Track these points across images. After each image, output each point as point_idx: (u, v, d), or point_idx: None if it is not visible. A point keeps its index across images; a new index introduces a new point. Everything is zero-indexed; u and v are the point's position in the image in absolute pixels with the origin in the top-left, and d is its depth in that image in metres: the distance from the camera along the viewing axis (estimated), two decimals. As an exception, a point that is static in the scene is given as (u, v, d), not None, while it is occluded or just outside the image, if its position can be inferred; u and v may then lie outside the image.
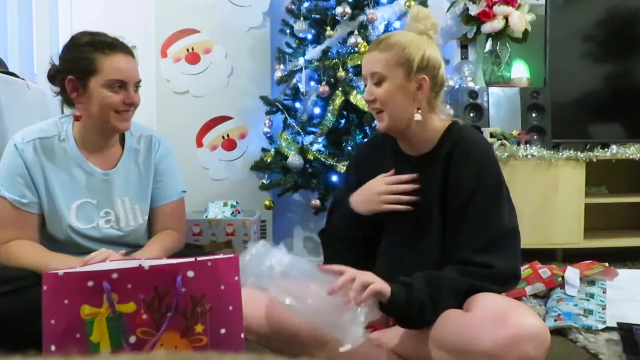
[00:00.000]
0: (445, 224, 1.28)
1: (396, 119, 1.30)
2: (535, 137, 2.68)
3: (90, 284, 1.05)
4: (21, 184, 1.43)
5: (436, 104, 1.33)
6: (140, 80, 1.49)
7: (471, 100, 2.70)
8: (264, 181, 2.69)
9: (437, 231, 1.29)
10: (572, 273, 1.97)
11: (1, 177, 1.44)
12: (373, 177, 1.39)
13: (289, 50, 2.68)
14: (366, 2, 2.50)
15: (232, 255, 1.13)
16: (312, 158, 2.52)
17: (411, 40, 1.27)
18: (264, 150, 2.78)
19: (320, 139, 2.57)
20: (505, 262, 1.20)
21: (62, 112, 1.52)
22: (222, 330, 1.09)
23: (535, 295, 2.02)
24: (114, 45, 1.43)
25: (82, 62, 1.41)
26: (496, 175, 1.26)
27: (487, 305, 1.11)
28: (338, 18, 2.48)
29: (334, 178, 2.52)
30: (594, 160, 2.58)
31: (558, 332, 1.70)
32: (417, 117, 1.29)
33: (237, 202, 2.63)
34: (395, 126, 1.31)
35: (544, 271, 2.05)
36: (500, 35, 2.84)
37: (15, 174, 1.43)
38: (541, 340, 1.05)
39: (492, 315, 1.08)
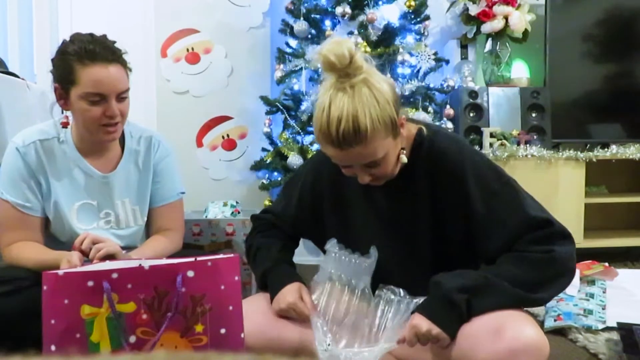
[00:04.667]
0: (439, 243, 1.23)
1: (390, 174, 1.19)
2: (535, 137, 2.69)
3: (90, 284, 1.05)
4: (24, 187, 1.43)
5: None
6: (126, 90, 1.42)
7: (471, 100, 2.70)
8: (264, 181, 2.69)
9: (428, 251, 1.24)
10: (572, 273, 1.97)
11: (4, 181, 1.44)
12: (338, 200, 1.31)
13: (289, 50, 2.67)
14: (366, 2, 2.50)
15: (232, 255, 1.13)
16: (312, 158, 2.52)
17: (372, 103, 1.07)
18: (264, 150, 2.78)
19: (320, 139, 2.57)
20: (560, 247, 1.14)
21: (62, 112, 1.51)
22: (222, 330, 1.09)
23: (535, 295, 2.02)
24: (95, 55, 1.35)
25: (64, 71, 1.37)
26: (499, 173, 1.20)
27: (485, 316, 1.10)
28: (338, 18, 2.48)
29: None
30: (594, 160, 2.58)
31: (558, 332, 1.70)
32: (404, 158, 1.18)
33: (237, 202, 2.63)
34: (389, 178, 1.20)
35: (544, 271, 2.04)
36: (500, 35, 2.84)
37: (18, 177, 1.43)
38: (539, 353, 1.03)
39: (489, 326, 1.07)
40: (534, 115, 2.74)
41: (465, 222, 1.20)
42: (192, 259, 1.10)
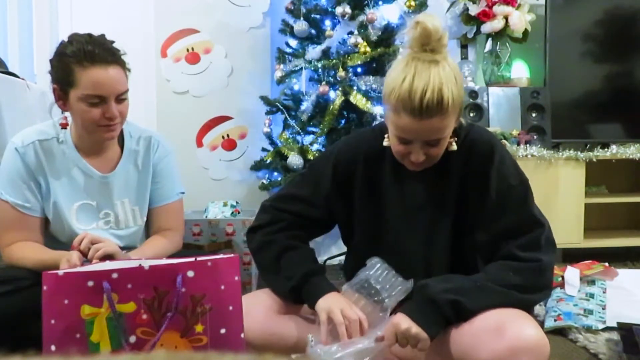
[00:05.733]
0: (459, 232, 1.25)
1: (439, 157, 1.20)
2: (535, 137, 2.69)
3: (90, 284, 1.05)
4: (23, 188, 1.43)
5: None
6: (125, 91, 1.41)
7: (471, 100, 2.70)
8: (264, 181, 2.69)
9: (448, 241, 1.25)
10: (572, 273, 1.97)
11: (3, 181, 1.44)
12: (370, 184, 1.31)
13: (289, 50, 2.68)
14: (366, 2, 2.50)
15: (232, 255, 1.13)
16: (312, 158, 2.52)
17: (453, 81, 1.12)
18: (264, 150, 2.78)
19: (320, 139, 2.57)
20: (546, 256, 1.18)
21: (62, 113, 1.51)
22: (222, 330, 1.09)
23: (535, 295, 2.02)
24: (94, 56, 1.34)
25: (63, 73, 1.36)
26: (519, 173, 1.24)
27: (487, 315, 1.10)
28: (338, 18, 2.48)
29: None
30: (594, 160, 2.58)
31: (558, 332, 1.70)
32: (454, 146, 1.21)
33: (237, 202, 2.63)
34: (434, 162, 1.21)
35: (544, 271, 2.04)
36: (500, 35, 2.84)
37: (17, 178, 1.43)
38: (540, 352, 1.03)
39: (490, 325, 1.07)
40: (534, 115, 2.74)
41: (479, 211, 1.22)
42: (192, 259, 1.10)
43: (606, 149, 2.64)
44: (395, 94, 1.11)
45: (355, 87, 2.48)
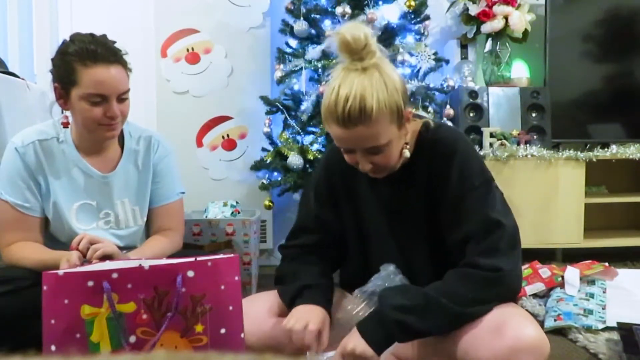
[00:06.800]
0: (435, 233, 1.23)
1: (392, 167, 1.20)
2: (535, 137, 2.69)
3: (90, 284, 1.05)
4: (23, 188, 1.43)
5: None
6: (127, 90, 1.42)
7: (471, 100, 2.70)
8: (264, 181, 2.69)
9: (425, 242, 1.24)
10: (572, 273, 1.97)
11: (3, 181, 1.44)
12: (349, 191, 1.31)
13: (289, 50, 2.67)
14: (366, 2, 2.50)
15: (232, 255, 1.13)
16: (312, 158, 2.51)
17: (382, 88, 1.10)
18: (264, 150, 2.78)
19: (320, 139, 2.57)
20: (507, 261, 1.13)
21: (62, 112, 1.51)
22: (222, 330, 1.09)
23: (535, 295, 2.02)
24: (96, 55, 1.35)
25: (64, 71, 1.37)
26: (482, 173, 1.20)
27: (487, 315, 1.11)
28: (338, 18, 2.48)
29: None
30: (594, 160, 2.58)
31: (558, 332, 1.70)
32: (407, 153, 1.20)
33: (237, 202, 2.63)
34: (390, 170, 1.22)
35: (544, 271, 2.05)
36: (500, 35, 2.84)
37: (17, 177, 1.43)
38: (540, 352, 1.04)
39: (490, 325, 1.07)
40: (534, 115, 2.74)
41: (445, 213, 1.20)
42: (192, 259, 1.10)
43: (606, 149, 2.64)
44: (324, 104, 1.12)
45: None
